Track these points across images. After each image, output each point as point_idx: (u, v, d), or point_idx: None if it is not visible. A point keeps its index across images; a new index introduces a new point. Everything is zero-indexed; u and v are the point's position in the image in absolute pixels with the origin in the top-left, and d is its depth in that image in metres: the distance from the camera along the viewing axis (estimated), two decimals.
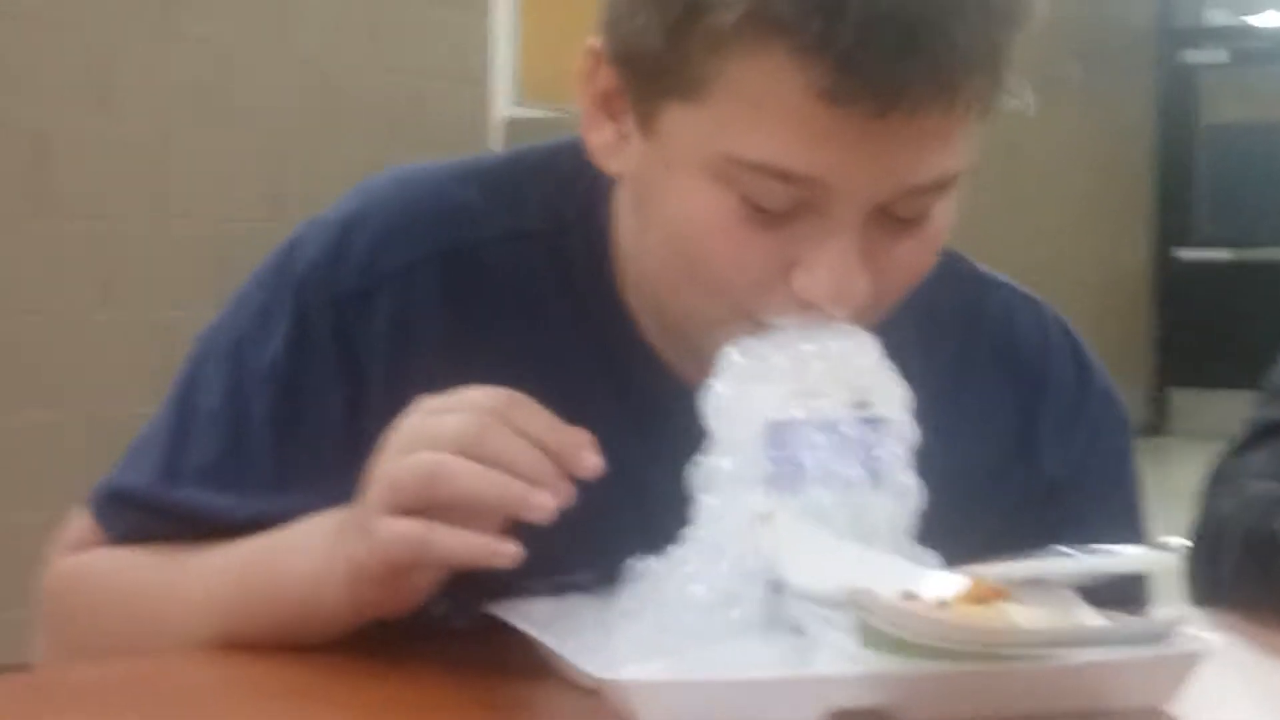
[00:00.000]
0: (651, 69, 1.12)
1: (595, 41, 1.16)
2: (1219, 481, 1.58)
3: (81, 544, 1.29)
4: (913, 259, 1.15)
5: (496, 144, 5.93)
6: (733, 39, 1.07)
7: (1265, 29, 11.56)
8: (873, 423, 1.10)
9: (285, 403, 1.23)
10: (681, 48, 1.09)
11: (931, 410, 1.13)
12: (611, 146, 1.18)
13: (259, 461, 1.23)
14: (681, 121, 1.11)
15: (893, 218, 1.12)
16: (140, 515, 1.25)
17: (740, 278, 1.12)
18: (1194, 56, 11.42)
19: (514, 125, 6.06)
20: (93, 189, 4.45)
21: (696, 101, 1.10)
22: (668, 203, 1.13)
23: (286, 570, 1.16)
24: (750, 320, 1.13)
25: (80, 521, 1.30)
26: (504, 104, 6.08)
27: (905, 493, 1.11)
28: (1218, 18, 11.72)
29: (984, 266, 1.36)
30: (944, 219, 1.16)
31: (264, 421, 1.23)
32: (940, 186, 1.12)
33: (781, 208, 1.10)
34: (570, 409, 1.10)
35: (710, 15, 1.07)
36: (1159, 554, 1.13)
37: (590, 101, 1.18)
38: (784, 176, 1.09)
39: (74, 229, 4.40)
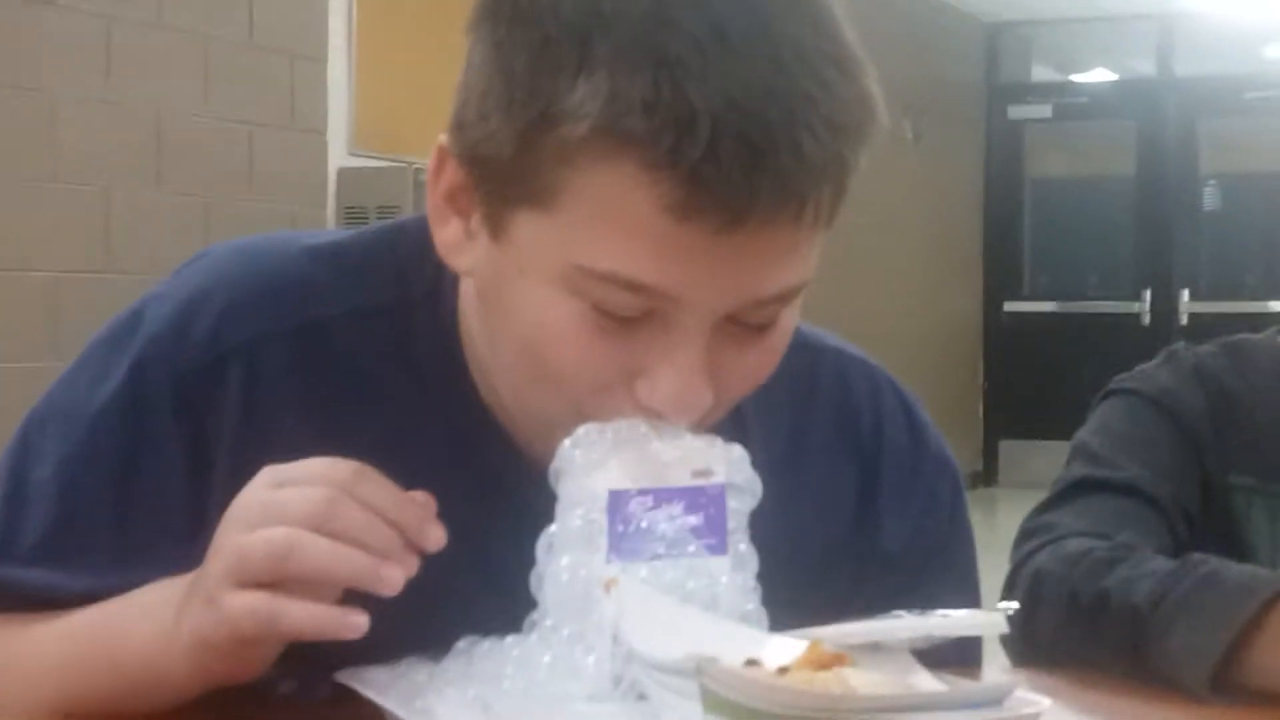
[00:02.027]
0: (500, 174, 1.12)
1: (443, 139, 1.16)
2: (1029, 537, 1.60)
3: None
4: (757, 366, 1.17)
5: (330, 192, 5.91)
6: (583, 151, 1.07)
7: (1087, 84, 11.82)
8: (714, 492, 1.12)
9: (123, 475, 1.22)
10: (532, 156, 1.09)
11: (771, 482, 1.15)
12: (458, 243, 1.18)
13: (94, 536, 1.22)
14: (531, 229, 1.12)
15: (739, 326, 1.13)
16: None
17: (586, 383, 1.13)
18: (1019, 112, 11.63)
19: (346, 174, 6.04)
20: None
21: (546, 210, 1.10)
22: (517, 306, 1.14)
23: (127, 639, 1.15)
24: (593, 421, 1.14)
25: None
26: (339, 153, 6.06)
27: (745, 560, 1.12)
28: (1043, 74, 11.96)
29: (813, 329, 1.37)
30: (789, 324, 1.17)
31: (100, 494, 1.22)
32: (787, 297, 1.14)
33: (630, 316, 1.11)
34: (416, 484, 1.10)
35: (561, 127, 1.07)
36: (993, 616, 1.15)
37: (437, 197, 1.18)
38: (633, 287, 1.09)
39: None
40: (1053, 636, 1.49)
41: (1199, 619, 1.39)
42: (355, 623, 1.05)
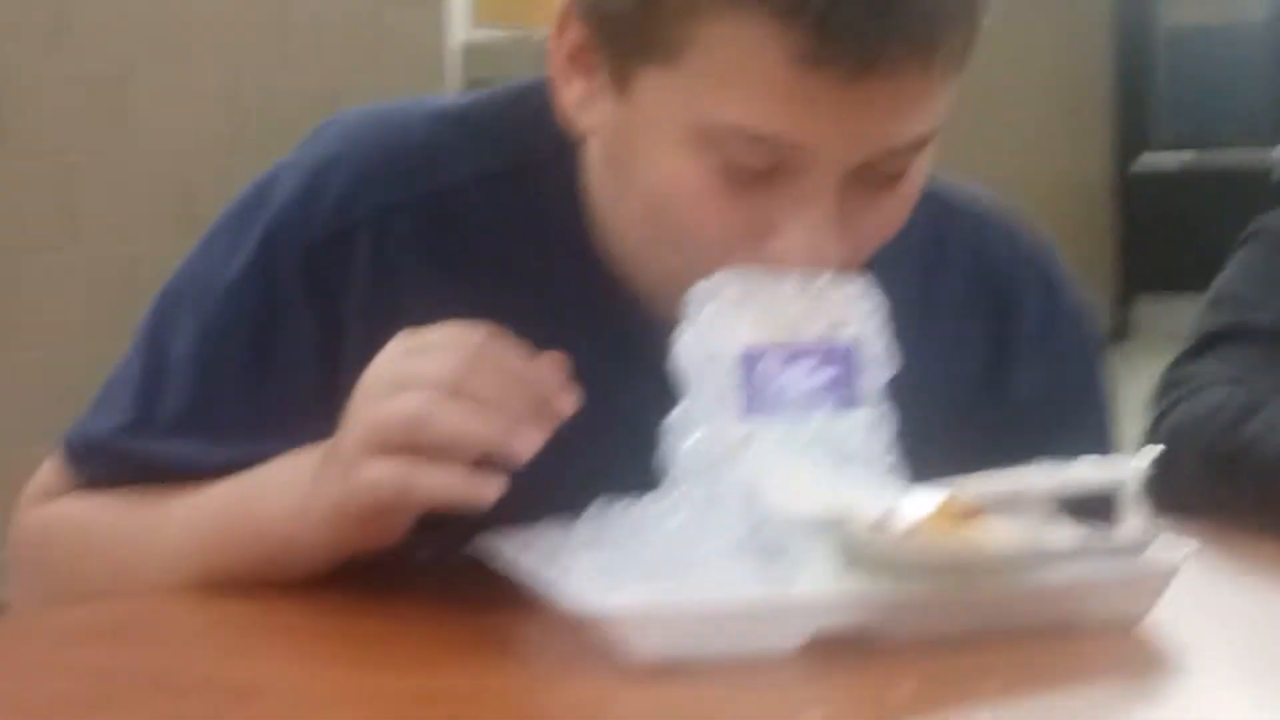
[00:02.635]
0: (624, 31, 1.11)
1: None
2: (1168, 390, 1.58)
3: (54, 490, 1.29)
4: (888, 218, 1.16)
5: (454, 67, 5.90)
6: (707, 3, 1.06)
7: None
8: (847, 348, 1.11)
9: (257, 349, 1.23)
10: (655, 11, 1.08)
11: (900, 336, 1.14)
12: (582, 103, 1.17)
13: (231, 408, 1.23)
14: (656, 85, 1.10)
15: (869, 177, 1.12)
16: (113, 463, 1.25)
17: (717, 240, 1.12)
18: None
19: (471, 48, 6.03)
20: (52, 126, 4.43)
21: (671, 65, 1.09)
22: (643, 164, 1.13)
23: (265, 509, 1.16)
24: None
25: (52, 467, 1.30)
26: (460, 26, 6.05)
27: (879, 416, 1.12)
28: None
29: (951, 182, 1.35)
30: (919, 175, 1.16)
31: (236, 368, 1.23)
32: (917, 146, 1.12)
33: (758, 171, 1.10)
34: (547, 347, 1.10)
35: None
36: (1133, 464, 1.14)
37: (559, 56, 1.17)
38: (761, 140, 1.08)
39: (35, 166, 4.38)
40: (1192, 489, 1.47)
41: None
42: (489, 489, 1.06)
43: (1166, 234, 11.00)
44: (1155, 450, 1.19)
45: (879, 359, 1.12)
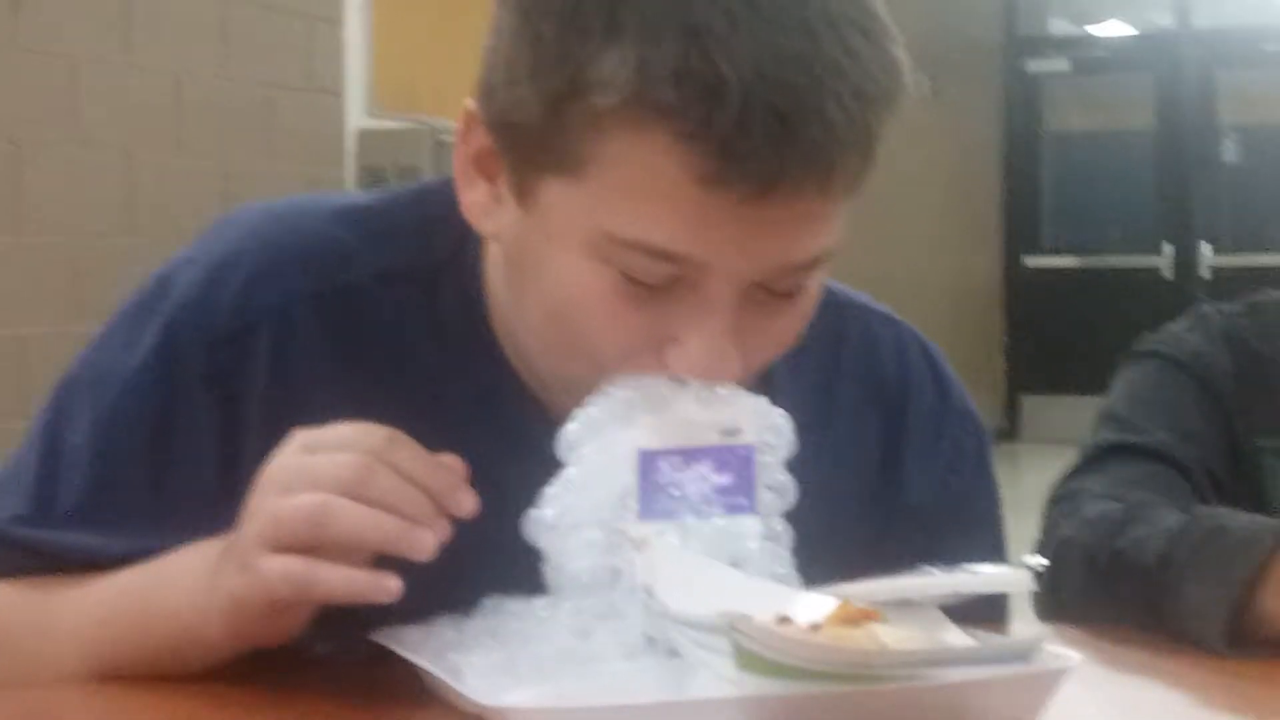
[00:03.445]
0: (529, 142, 1.12)
1: (471, 103, 1.16)
2: (1058, 503, 1.61)
3: None
4: (784, 331, 1.18)
5: (349, 154, 5.91)
6: (613, 120, 1.08)
7: (1106, 38, 11.76)
8: (744, 452, 1.13)
9: (156, 440, 1.23)
10: (560, 125, 1.10)
11: (797, 438, 1.16)
12: (485, 206, 1.19)
13: (129, 500, 1.23)
14: (560, 196, 1.12)
15: (767, 292, 1.14)
16: (8, 553, 1.25)
17: (616, 350, 1.14)
18: (1037, 66, 11.59)
19: (366, 135, 6.03)
20: None
21: (575, 178, 1.11)
22: (545, 273, 1.14)
23: (164, 601, 1.16)
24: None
25: None
26: (357, 114, 6.05)
27: (779, 502, 1.13)
28: (1060, 27, 11.90)
29: (839, 285, 1.37)
30: (816, 289, 1.18)
31: (134, 459, 1.23)
32: (815, 263, 1.15)
33: (659, 284, 1.11)
34: (445, 446, 1.11)
35: (590, 96, 1.08)
36: (1020, 573, 1.16)
37: (464, 160, 1.19)
38: (662, 255, 1.10)
39: None
40: (1077, 599, 1.50)
41: (1206, 576, 1.39)
42: (389, 586, 1.07)
43: (1052, 336, 11.14)
44: (1041, 560, 1.21)
45: (775, 465, 1.14)
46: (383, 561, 1.08)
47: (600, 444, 1.13)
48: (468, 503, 1.09)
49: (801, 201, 1.09)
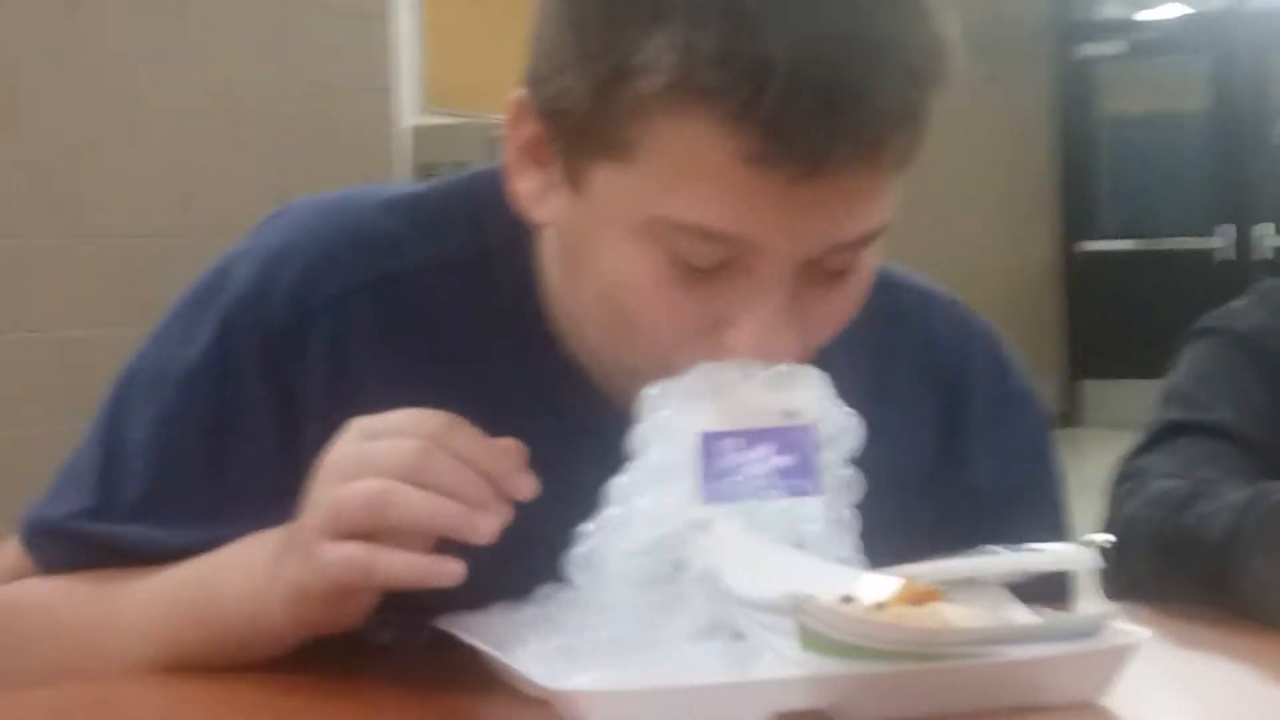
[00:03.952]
0: (577, 128, 1.12)
1: (520, 92, 1.17)
2: (1123, 482, 1.61)
3: (12, 573, 1.29)
4: (839, 309, 1.18)
5: (403, 152, 5.93)
6: (659, 104, 1.07)
7: (1159, 21, 11.70)
8: (804, 433, 1.12)
9: (216, 434, 1.24)
10: (608, 110, 1.10)
11: (856, 419, 1.15)
12: (537, 195, 1.19)
13: (190, 493, 1.24)
14: (610, 181, 1.12)
15: (820, 271, 1.14)
16: (72, 548, 1.26)
17: (671, 334, 1.14)
18: (1091, 50, 11.54)
19: (420, 133, 6.06)
20: (3, 211, 4.43)
21: (624, 162, 1.11)
22: (598, 258, 1.14)
23: (225, 592, 1.17)
24: (679, 369, 1.14)
25: (10, 550, 1.30)
26: (409, 112, 6.07)
27: (842, 489, 1.13)
28: (1113, 11, 11.84)
29: (897, 267, 1.37)
30: (870, 268, 1.18)
31: (194, 453, 1.24)
32: (866, 241, 1.14)
33: (711, 266, 1.11)
34: (504, 433, 1.12)
35: (636, 81, 1.07)
36: (1084, 551, 1.16)
37: (515, 149, 1.19)
38: (713, 237, 1.10)
39: None
40: (1143, 577, 1.50)
41: (1273, 550, 1.39)
42: (451, 570, 1.07)
43: (1111, 321, 11.09)
44: (1107, 538, 1.21)
45: (837, 443, 1.13)
46: (444, 547, 1.08)
47: (662, 428, 1.12)
48: (527, 486, 1.09)
49: (850, 179, 1.09)
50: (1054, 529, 1.38)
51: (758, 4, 1.06)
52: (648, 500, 1.11)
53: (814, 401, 1.14)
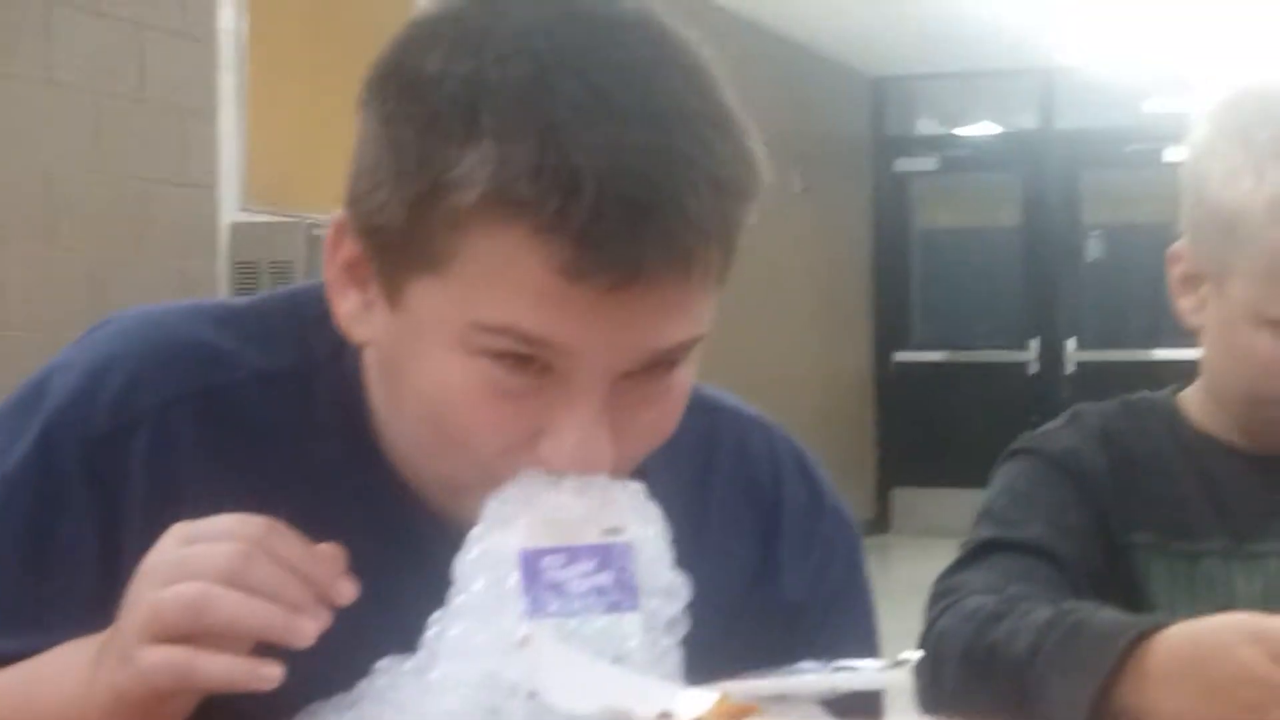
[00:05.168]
0: (395, 243, 1.14)
1: (340, 213, 1.18)
2: (938, 600, 1.63)
3: None
4: (657, 423, 1.20)
5: (222, 247, 5.89)
6: (474, 217, 1.09)
7: (973, 138, 11.96)
8: (624, 549, 1.14)
9: (35, 541, 1.23)
10: (424, 224, 1.11)
11: (676, 538, 1.17)
12: (357, 314, 1.20)
13: (9, 599, 1.23)
14: (427, 294, 1.13)
15: (636, 384, 1.15)
16: None
17: (491, 445, 1.15)
18: (907, 164, 11.76)
19: (239, 229, 6.02)
20: None
21: (441, 275, 1.12)
22: (417, 374, 1.16)
23: (46, 698, 1.16)
24: (501, 483, 1.16)
25: None
26: (229, 208, 6.04)
27: (663, 604, 1.14)
28: (928, 127, 12.09)
29: (710, 389, 1.39)
30: (686, 381, 1.20)
31: (13, 560, 1.23)
32: (682, 351, 1.16)
33: (528, 375, 1.13)
34: (325, 541, 1.12)
35: (452, 194, 1.09)
36: (895, 671, 1.18)
37: (335, 269, 1.20)
38: (529, 340, 1.11)
39: None
40: (954, 691, 1.52)
41: (1068, 670, 1.42)
42: (269, 673, 1.07)
43: (921, 430, 11.24)
44: (919, 653, 1.23)
45: (656, 560, 1.15)
46: (265, 652, 1.08)
47: (484, 544, 1.14)
48: (347, 590, 1.10)
49: (663, 291, 1.11)
50: (865, 639, 1.40)
51: (569, 118, 1.08)
52: (458, 630, 1.12)
53: (633, 518, 1.16)
